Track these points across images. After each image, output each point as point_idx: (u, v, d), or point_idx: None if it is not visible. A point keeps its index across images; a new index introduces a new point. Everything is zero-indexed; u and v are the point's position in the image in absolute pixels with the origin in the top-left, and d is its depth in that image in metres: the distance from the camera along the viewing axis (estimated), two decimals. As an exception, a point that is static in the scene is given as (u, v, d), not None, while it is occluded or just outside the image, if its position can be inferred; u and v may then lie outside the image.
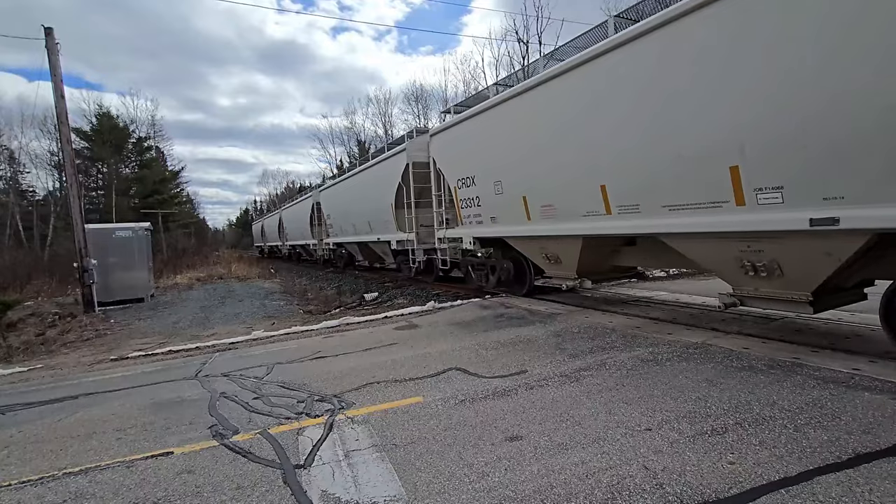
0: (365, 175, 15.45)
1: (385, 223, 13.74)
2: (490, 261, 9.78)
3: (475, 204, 9.05)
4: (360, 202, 15.83)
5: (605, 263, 7.58)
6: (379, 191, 13.82)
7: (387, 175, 13.18)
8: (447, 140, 9.85)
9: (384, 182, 13.38)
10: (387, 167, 13.33)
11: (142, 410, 4.20)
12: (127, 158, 41.88)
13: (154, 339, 8.76)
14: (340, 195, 18.34)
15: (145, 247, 14.87)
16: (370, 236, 15.36)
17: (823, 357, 4.33)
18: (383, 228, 14.04)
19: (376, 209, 14.14)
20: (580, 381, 4.09)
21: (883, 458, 2.51)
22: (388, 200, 13.09)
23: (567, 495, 2.37)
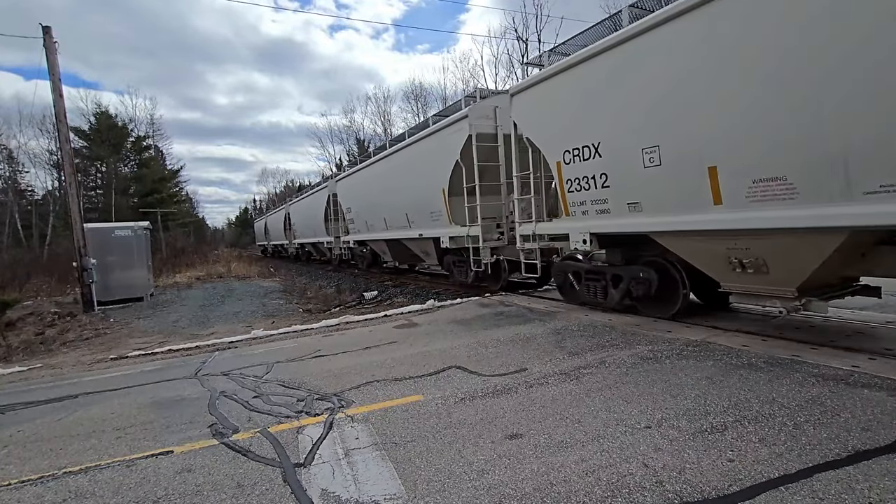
0: (402, 156, 12.23)
1: (431, 216, 10.90)
2: (613, 268, 6.71)
3: (595, 185, 6.21)
4: (393, 191, 12.84)
5: (838, 272, 4.87)
6: (424, 174, 10.92)
7: (437, 153, 10.21)
8: (543, 98, 6.96)
9: (432, 163, 10.42)
10: (437, 143, 10.29)
11: (141, 409, 4.20)
12: (126, 157, 41.82)
13: (154, 338, 8.76)
14: (365, 184, 15.23)
15: (144, 246, 14.87)
16: (407, 232, 12.45)
17: (823, 354, 4.33)
18: (428, 222, 11.20)
19: (419, 198, 11.30)
20: (580, 379, 4.09)
21: (882, 456, 2.51)
22: (437, 186, 10.18)
23: (567, 493, 2.37)
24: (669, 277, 6.04)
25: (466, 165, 9.12)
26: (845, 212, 3.89)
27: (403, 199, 12.22)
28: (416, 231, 11.96)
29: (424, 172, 10.88)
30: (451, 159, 9.52)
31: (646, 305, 6.43)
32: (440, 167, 9.97)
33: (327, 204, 19.37)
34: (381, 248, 15.54)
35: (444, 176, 9.87)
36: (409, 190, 11.81)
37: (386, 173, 13.38)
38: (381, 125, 45.89)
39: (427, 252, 12.47)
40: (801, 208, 4.18)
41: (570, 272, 7.62)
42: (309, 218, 23.55)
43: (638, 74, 5.37)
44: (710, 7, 4.56)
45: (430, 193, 10.58)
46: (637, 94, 5.43)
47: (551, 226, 7.39)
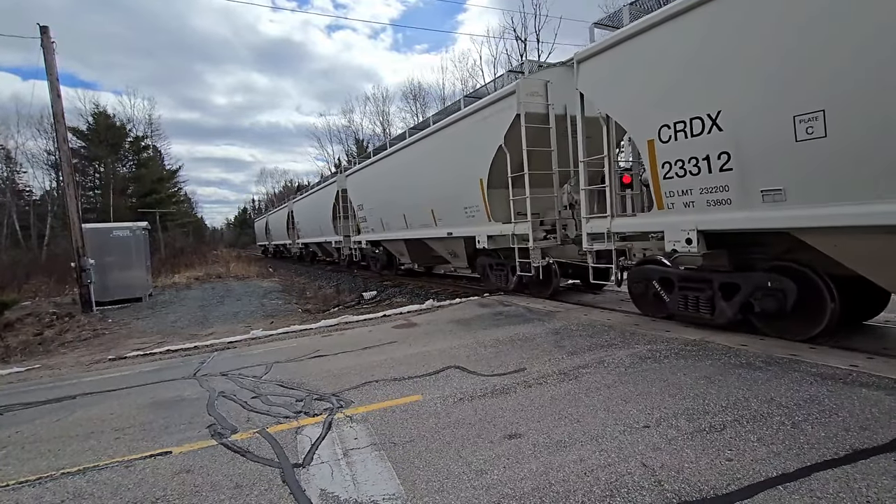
0: (429, 144, 10.73)
1: (465, 212, 9.51)
2: (723, 275, 5.30)
3: (710, 167, 4.80)
4: (416, 184, 11.39)
5: None
6: (457, 164, 9.49)
7: (475, 138, 8.76)
8: (628, 61, 5.59)
9: (469, 149, 9.02)
10: (475, 126, 8.79)
11: (140, 410, 4.20)
12: (124, 158, 41.77)
13: (152, 338, 8.75)
14: (380, 178, 13.69)
15: (143, 246, 14.85)
16: (432, 231, 11.10)
17: (821, 353, 4.34)
18: (459, 219, 9.77)
19: (449, 192, 9.88)
20: (579, 378, 4.09)
21: (880, 455, 2.51)
22: (474, 176, 8.82)
23: (566, 493, 2.37)
24: (810, 287, 4.70)
25: (512, 151, 7.83)
26: None
27: (429, 193, 10.84)
28: (443, 230, 10.57)
29: (457, 161, 9.45)
30: (493, 144, 8.16)
31: (772, 323, 5.03)
32: (479, 154, 8.61)
33: (335, 200, 18.32)
34: (399, 249, 14.13)
35: (484, 164, 8.47)
36: (437, 182, 10.40)
37: (407, 165, 11.93)
38: (380, 125, 45.87)
39: (455, 253, 11.20)
40: None
41: (657, 279, 6.00)
42: (315, 216, 22.09)
43: (797, 6, 3.96)
44: None
45: (465, 186, 9.22)
46: (794, 37, 3.98)
47: (637, 222, 5.95)
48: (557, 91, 7.69)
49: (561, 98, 7.61)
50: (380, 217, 14.09)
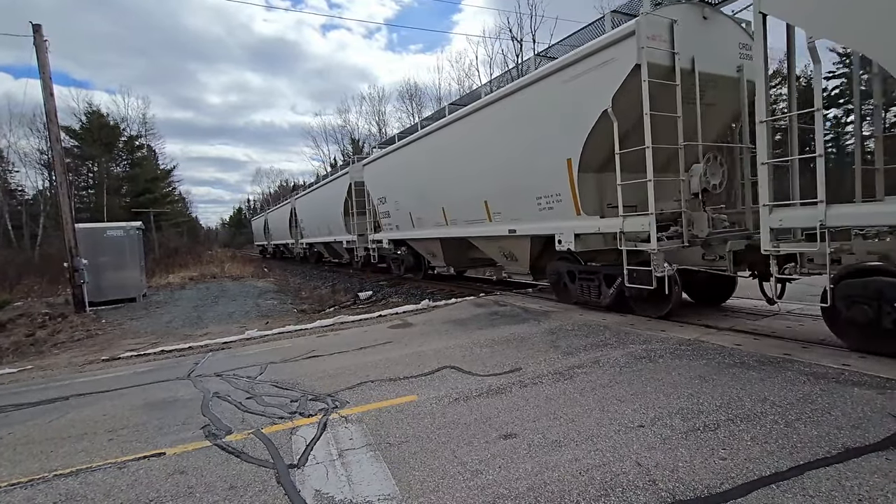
0: (482, 119, 8.37)
1: (538, 203, 7.45)
2: None
3: None
4: (461, 174, 9.26)
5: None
6: (529, 140, 7.37)
7: (563, 102, 6.62)
8: None
9: (551, 119, 6.86)
10: (563, 87, 6.58)
11: (134, 411, 4.17)
12: (118, 157, 41.50)
13: (146, 339, 8.69)
14: (410, 166, 11.30)
15: (137, 246, 14.75)
16: (485, 228, 9.05)
17: (814, 353, 4.37)
18: (528, 212, 7.69)
19: (517, 178, 7.79)
20: (574, 378, 4.10)
21: (872, 453, 2.54)
22: (559, 155, 6.77)
23: (561, 493, 2.38)
24: None
25: (626, 118, 5.86)
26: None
27: (483, 181, 8.71)
28: (501, 226, 8.45)
29: (530, 136, 7.34)
30: (593, 109, 6.10)
31: None
32: (569, 124, 6.54)
33: (347, 194, 16.07)
34: (431, 250, 12.03)
35: (576, 138, 6.43)
36: (497, 166, 8.21)
37: (449, 148, 9.64)
38: (377, 125, 45.82)
39: (512, 256, 8.99)
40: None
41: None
42: (322, 213, 19.82)
43: None
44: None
45: (542, 168, 7.18)
46: None
47: (886, 210, 4.19)
48: (690, 33, 5.87)
49: (687, 48, 5.80)
50: (408, 212, 11.93)
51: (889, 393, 3.32)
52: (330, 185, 18.58)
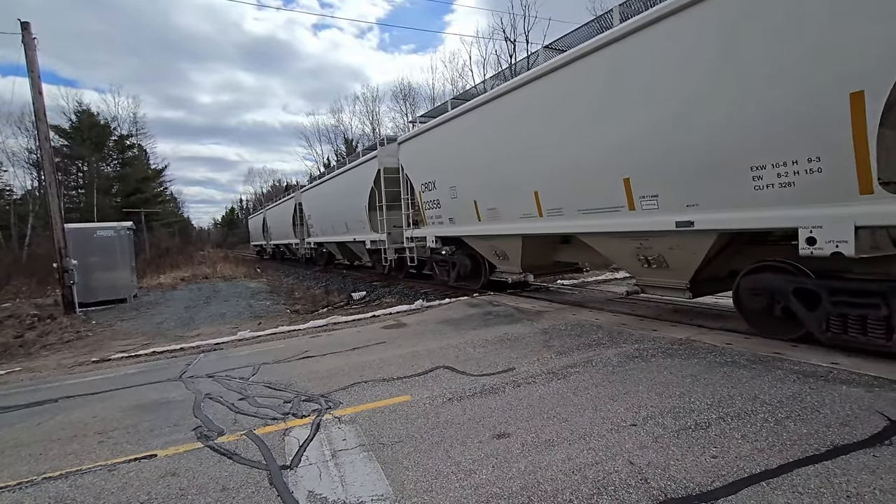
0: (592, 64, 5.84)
1: (759, 177, 4.34)
2: None
3: None
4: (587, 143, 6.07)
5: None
6: None
7: None
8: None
9: None
10: None
11: (125, 413, 4.13)
12: (108, 156, 41.12)
13: (137, 340, 8.61)
14: (474, 138, 8.43)
15: (128, 246, 14.60)
16: (634, 219, 5.69)
17: (803, 351, 4.42)
18: (733, 193, 4.57)
19: (724, 154, 4.49)
20: (567, 378, 4.12)
21: (860, 450, 2.57)
22: None
23: (553, 491, 2.39)
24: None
25: None
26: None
27: (627, 150, 5.73)
28: (662, 217, 5.45)
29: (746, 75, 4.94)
30: None
31: None
32: None
33: (374, 184, 12.84)
34: (502, 250, 9.05)
35: None
36: (662, 120, 5.21)
37: (552, 104, 6.65)
38: (370, 125, 45.72)
39: (663, 261, 5.75)
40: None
41: None
42: (336, 207, 16.52)
43: None
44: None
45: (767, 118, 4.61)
46: None
47: None
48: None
49: None
50: (472, 200, 8.84)
51: (876, 391, 3.36)
52: (351, 173, 15.03)
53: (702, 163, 4.96)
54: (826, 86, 3.84)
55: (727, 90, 4.55)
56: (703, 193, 5.07)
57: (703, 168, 4.95)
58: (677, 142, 5.12)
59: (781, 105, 4.18)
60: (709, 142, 4.83)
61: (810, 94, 3.97)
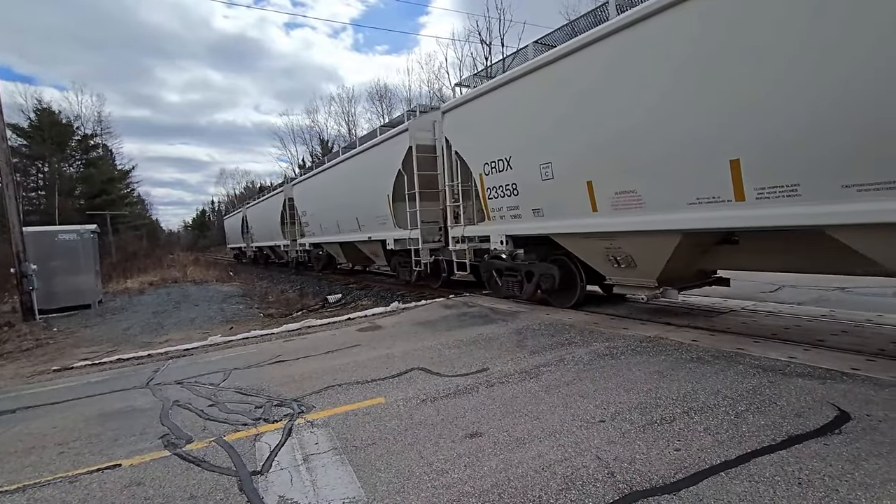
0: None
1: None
2: None
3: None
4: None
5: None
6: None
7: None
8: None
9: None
10: None
11: (87, 422, 3.99)
12: (71, 157, 39.55)
13: (102, 347, 8.32)
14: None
15: (92, 250, 14.09)
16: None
17: (764, 347, 4.61)
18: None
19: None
20: (539, 377, 4.19)
21: (812, 439, 2.70)
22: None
23: (524, 488, 2.43)
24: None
25: None
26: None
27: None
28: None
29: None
30: None
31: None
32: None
33: (402, 167, 10.18)
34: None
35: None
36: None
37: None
38: (346, 126, 45.34)
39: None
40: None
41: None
42: (344, 199, 13.50)
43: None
44: None
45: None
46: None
47: None
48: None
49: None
50: (584, 181, 6.06)
51: (829, 383, 3.54)
52: (364, 157, 12.22)
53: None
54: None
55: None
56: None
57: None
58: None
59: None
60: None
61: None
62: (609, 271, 6.51)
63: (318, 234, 16.85)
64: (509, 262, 8.29)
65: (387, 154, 10.90)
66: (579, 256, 6.87)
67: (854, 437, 2.70)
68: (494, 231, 7.93)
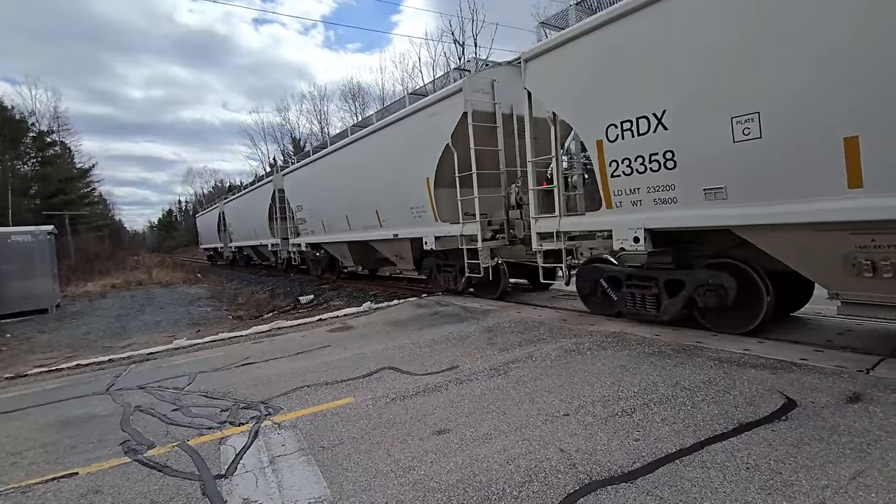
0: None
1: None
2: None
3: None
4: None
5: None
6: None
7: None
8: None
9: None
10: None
11: (42, 431, 3.84)
12: (25, 154, 37.63)
13: (60, 352, 7.99)
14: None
15: (48, 252, 13.49)
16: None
17: (722, 340, 4.81)
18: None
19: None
20: (508, 373, 4.26)
21: (761, 426, 2.85)
22: None
23: (488, 482, 2.48)
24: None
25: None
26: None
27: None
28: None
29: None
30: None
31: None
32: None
33: (451, 141, 7.98)
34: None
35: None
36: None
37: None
38: (318, 124, 44.70)
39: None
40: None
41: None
42: (363, 184, 10.86)
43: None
44: None
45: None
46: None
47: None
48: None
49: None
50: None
51: (780, 373, 3.73)
52: (387, 132, 9.85)
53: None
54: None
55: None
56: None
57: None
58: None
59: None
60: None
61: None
62: (842, 283, 4.19)
63: (318, 233, 14.16)
64: (633, 267, 5.82)
65: (428, 125, 8.50)
66: (784, 260, 4.52)
67: (798, 423, 2.86)
68: (620, 223, 5.45)
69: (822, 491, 2.18)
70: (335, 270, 15.46)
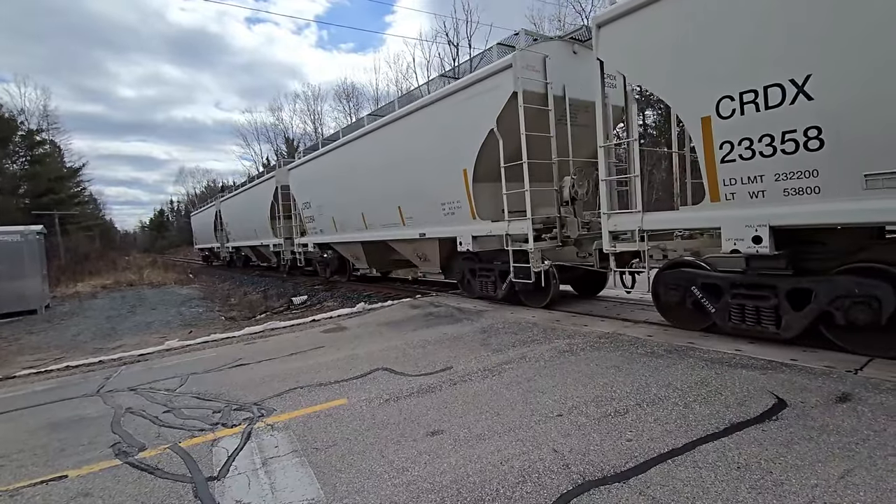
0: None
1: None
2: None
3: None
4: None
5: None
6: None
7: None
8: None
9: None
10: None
11: (31, 433, 3.79)
12: (14, 153, 37.14)
13: (49, 354, 7.90)
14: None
15: (38, 252, 13.35)
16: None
17: (713, 340, 4.85)
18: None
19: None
20: (502, 374, 4.27)
21: (751, 426, 2.88)
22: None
23: (482, 482, 2.49)
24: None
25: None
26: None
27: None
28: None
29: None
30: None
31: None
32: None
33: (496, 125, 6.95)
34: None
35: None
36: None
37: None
38: (312, 124, 44.55)
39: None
40: None
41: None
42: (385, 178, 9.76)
43: None
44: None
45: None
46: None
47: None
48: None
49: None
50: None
51: (770, 373, 3.76)
52: (415, 117, 8.70)
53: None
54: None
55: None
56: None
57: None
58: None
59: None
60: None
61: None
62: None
63: (328, 232, 12.94)
64: (738, 273, 4.76)
65: (466, 108, 7.43)
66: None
67: (788, 422, 2.89)
68: (733, 219, 4.49)
69: (811, 490, 2.21)
70: (346, 272, 14.25)
